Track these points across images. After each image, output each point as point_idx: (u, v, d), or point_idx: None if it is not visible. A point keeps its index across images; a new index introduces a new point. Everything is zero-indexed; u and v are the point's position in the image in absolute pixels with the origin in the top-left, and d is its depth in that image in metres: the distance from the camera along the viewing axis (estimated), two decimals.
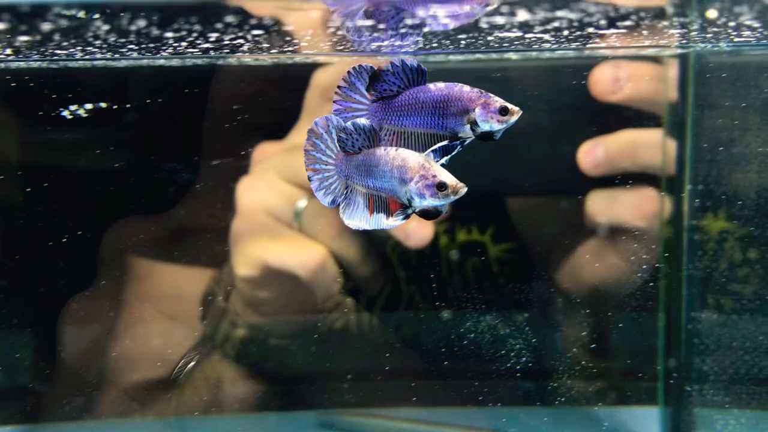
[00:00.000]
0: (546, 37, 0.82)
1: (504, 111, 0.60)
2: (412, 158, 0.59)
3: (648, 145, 0.97)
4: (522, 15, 0.73)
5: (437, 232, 1.07)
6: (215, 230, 1.04)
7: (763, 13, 0.74)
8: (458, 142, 0.61)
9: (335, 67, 0.98)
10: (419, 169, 0.58)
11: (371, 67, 0.62)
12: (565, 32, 0.80)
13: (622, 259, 1.02)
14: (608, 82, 0.92)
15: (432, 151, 0.61)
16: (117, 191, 1.05)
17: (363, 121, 0.62)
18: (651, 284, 1.03)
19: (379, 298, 1.10)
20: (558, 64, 1.01)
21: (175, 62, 0.96)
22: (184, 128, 1.05)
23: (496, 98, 0.61)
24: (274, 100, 1.03)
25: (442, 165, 0.60)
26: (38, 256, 1.07)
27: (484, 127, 0.60)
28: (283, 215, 0.99)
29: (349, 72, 0.62)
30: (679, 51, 0.94)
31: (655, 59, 0.97)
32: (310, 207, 0.99)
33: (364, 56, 0.96)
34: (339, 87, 0.62)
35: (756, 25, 0.78)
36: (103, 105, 1.01)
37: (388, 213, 0.61)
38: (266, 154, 1.01)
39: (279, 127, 1.01)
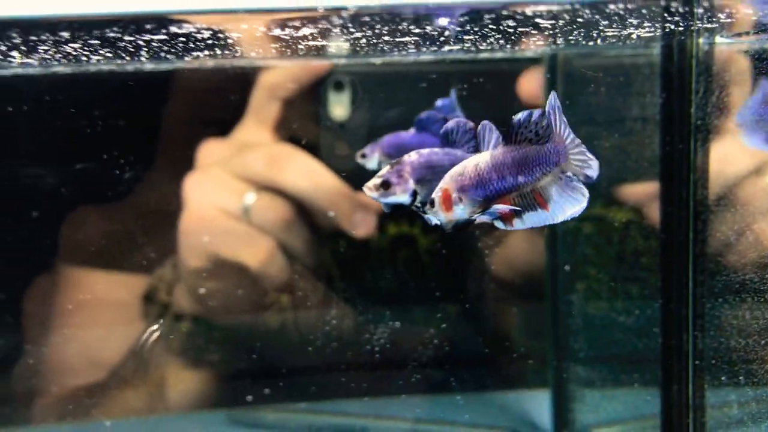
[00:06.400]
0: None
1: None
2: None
3: None
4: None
5: None
6: (160, 225, 1.06)
7: None
8: None
9: (282, 67, 1.04)
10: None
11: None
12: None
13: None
14: (535, 89, 1.04)
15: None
16: (73, 182, 1.05)
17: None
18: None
19: (315, 294, 1.14)
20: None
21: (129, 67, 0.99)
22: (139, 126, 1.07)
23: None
24: (223, 99, 1.07)
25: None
26: None
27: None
28: (232, 210, 1.02)
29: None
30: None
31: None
32: (259, 201, 1.03)
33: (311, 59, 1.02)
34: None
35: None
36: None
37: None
38: (212, 151, 1.05)
39: (226, 125, 1.05)
